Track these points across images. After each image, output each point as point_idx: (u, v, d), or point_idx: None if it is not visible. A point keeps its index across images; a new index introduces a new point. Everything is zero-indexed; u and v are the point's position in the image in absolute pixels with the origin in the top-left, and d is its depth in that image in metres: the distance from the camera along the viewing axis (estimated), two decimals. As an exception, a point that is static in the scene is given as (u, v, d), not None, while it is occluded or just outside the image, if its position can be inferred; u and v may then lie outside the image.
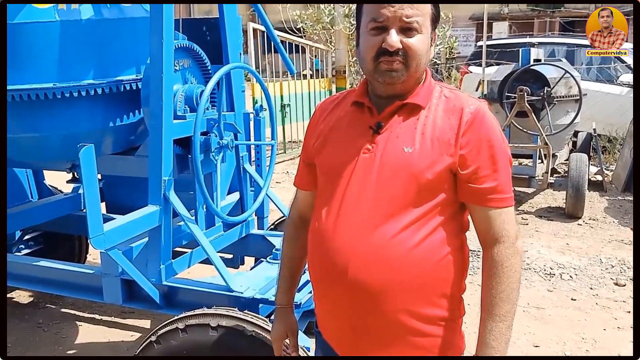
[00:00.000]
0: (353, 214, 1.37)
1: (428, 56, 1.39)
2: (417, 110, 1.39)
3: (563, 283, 4.30)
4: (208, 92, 2.30)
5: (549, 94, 5.83)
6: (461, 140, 1.34)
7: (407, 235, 1.34)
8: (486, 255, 1.39)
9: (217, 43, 2.78)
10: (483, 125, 1.36)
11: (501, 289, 1.35)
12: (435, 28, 1.40)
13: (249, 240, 3.01)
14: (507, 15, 19.15)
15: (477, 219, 1.40)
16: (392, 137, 1.38)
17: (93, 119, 2.47)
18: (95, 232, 2.09)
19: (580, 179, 5.64)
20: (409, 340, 1.38)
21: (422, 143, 1.35)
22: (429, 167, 1.34)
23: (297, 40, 9.35)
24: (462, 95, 1.43)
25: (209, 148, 2.50)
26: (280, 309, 1.71)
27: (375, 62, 1.35)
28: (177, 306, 2.47)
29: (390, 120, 1.40)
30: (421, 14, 1.34)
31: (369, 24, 1.35)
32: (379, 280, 1.34)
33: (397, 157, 1.36)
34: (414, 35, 1.34)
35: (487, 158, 1.35)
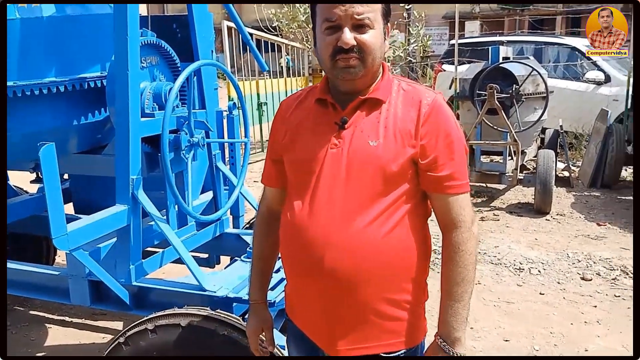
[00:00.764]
0: (325, 207, 1.43)
1: (382, 50, 1.44)
2: (379, 105, 1.46)
3: (532, 278, 4.37)
4: (176, 89, 2.26)
5: (518, 92, 5.92)
6: (421, 130, 1.41)
7: (377, 225, 1.41)
8: (445, 239, 1.47)
9: (188, 41, 2.75)
10: (440, 116, 1.43)
11: (458, 271, 1.44)
12: (387, 22, 1.45)
13: (223, 239, 2.98)
14: (479, 14, 19.40)
15: (436, 205, 1.48)
16: (357, 131, 1.44)
17: (56, 118, 2.41)
18: (58, 232, 2.04)
19: (547, 175, 5.75)
20: (379, 324, 1.46)
21: (386, 136, 1.41)
22: (394, 158, 1.40)
23: (273, 38, 9.31)
24: (419, 87, 1.49)
25: (179, 146, 2.47)
26: (254, 304, 1.74)
27: (332, 60, 1.40)
28: (149, 307, 2.43)
29: (354, 115, 1.46)
30: (372, 10, 1.39)
31: (323, 24, 1.40)
32: (352, 269, 1.41)
33: (363, 150, 1.42)
34: (366, 32, 1.39)
35: (444, 147, 1.42)
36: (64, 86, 2.32)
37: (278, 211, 1.62)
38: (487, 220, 5.79)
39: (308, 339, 1.55)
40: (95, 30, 2.44)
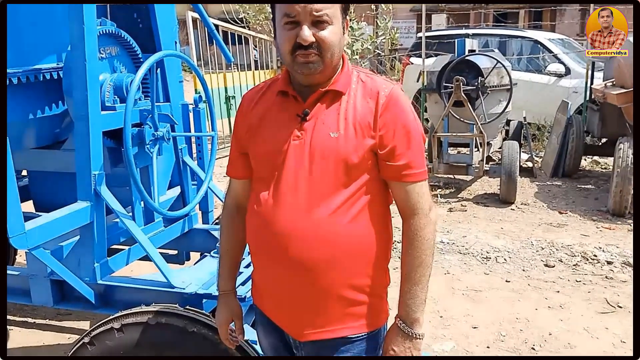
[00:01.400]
0: (290, 198, 1.47)
1: (341, 44, 1.47)
2: (339, 96, 1.49)
3: (498, 266, 4.45)
4: (138, 81, 2.19)
5: (483, 84, 5.99)
6: (379, 121, 1.45)
7: (340, 214, 1.45)
8: (405, 225, 1.52)
9: (151, 31, 2.67)
10: (397, 106, 1.46)
11: (416, 255, 1.49)
12: (346, 16, 1.48)
13: (193, 235, 2.93)
14: (445, 8, 19.56)
15: (395, 194, 1.52)
16: (319, 123, 1.48)
17: (11, 111, 2.29)
18: (15, 231, 1.96)
19: (512, 165, 5.85)
20: (343, 308, 1.51)
21: (346, 128, 1.45)
22: (354, 150, 1.44)
23: (240, 30, 9.20)
24: (377, 79, 1.53)
25: (143, 140, 2.40)
26: (223, 294, 1.77)
27: (292, 55, 1.43)
28: (115, 305, 2.36)
29: (315, 107, 1.49)
30: (330, 6, 1.41)
31: (283, 18, 1.42)
32: (316, 257, 1.45)
33: (325, 142, 1.46)
34: (325, 28, 1.41)
35: (402, 136, 1.46)
36: (17, 77, 2.22)
37: (244, 203, 1.65)
38: (455, 210, 5.86)
39: (276, 326, 1.60)
40: (49, 18, 2.34)
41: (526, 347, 3.30)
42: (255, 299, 1.68)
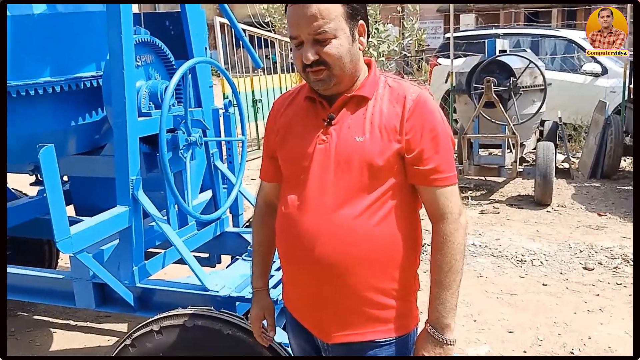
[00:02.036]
0: (316, 200, 1.49)
1: (353, 53, 1.47)
2: (365, 101, 1.50)
3: (534, 269, 4.37)
4: (172, 88, 2.25)
5: (515, 84, 5.91)
6: (406, 125, 1.45)
7: (367, 216, 1.46)
8: (433, 230, 1.52)
9: (181, 38, 2.73)
10: (424, 110, 1.46)
11: (446, 260, 1.48)
12: (356, 22, 1.46)
13: (224, 238, 2.98)
14: (474, 8, 19.36)
15: (424, 198, 1.52)
16: (344, 127, 1.49)
17: (53, 118, 2.39)
18: (62, 235, 2.03)
19: (547, 167, 5.74)
20: (369, 312, 1.51)
21: (372, 132, 1.46)
22: (380, 153, 1.45)
23: (266, 34, 9.27)
24: (405, 83, 1.53)
25: (177, 145, 2.45)
26: (255, 292, 1.82)
27: (304, 72, 1.47)
28: (153, 308, 2.42)
29: (341, 112, 1.51)
30: (328, 20, 1.40)
31: (290, 40, 1.48)
32: (342, 258, 1.47)
33: (350, 146, 1.47)
34: (328, 43, 1.42)
35: (429, 140, 1.46)
36: (60, 86, 2.30)
37: (274, 204, 1.68)
38: (487, 213, 5.79)
39: (304, 328, 1.62)
40: (88, 28, 2.42)
41: (565, 351, 3.24)
42: (284, 301, 1.70)
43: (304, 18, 1.40)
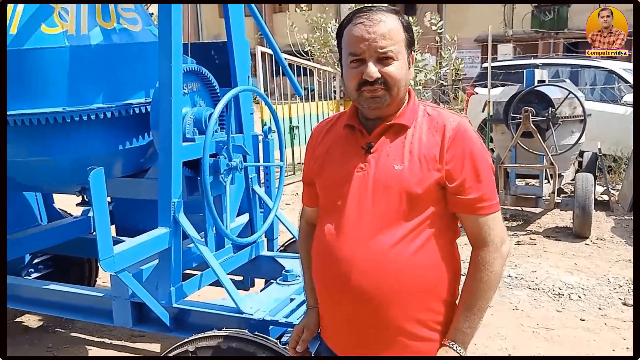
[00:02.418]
0: (353, 228, 1.49)
1: (407, 79, 1.50)
2: (404, 130, 1.51)
3: (572, 303, 4.27)
4: (217, 115, 2.33)
5: (554, 115, 5.85)
6: (446, 155, 1.46)
7: (404, 245, 1.46)
8: (473, 255, 1.52)
9: (225, 66, 2.83)
10: (464, 139, 1.47)
11: (481, 287, 1.48)
12: (412, 51, 1.52)
13: (259, 261, 3.02)
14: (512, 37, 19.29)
15: (466, 226, 1.53)
16: (383, 155, 1.50)
17: (103, 142, 2.51)
18: (105, 254, 2.10)
19: (586, 198, 5.63)
20: (407, 344, 1.49)
21: (411, 160, 1.47)
22: (419, 182, 1.45)
23: (305, 63, 9.44)
24: (444, 112, 1.54)
25: (218, 170, 2.52)
26: (311, 310, 1.79)
27: (358, 91, 1.47)
28: (187, 329, 2.46)
29: (380, 140, 1.52)
30: (394, 42, 1.45)
31: (348, 57, 1.47)
32: (377, 288, 1.46)
33: (389, 174, 1.48)
34: (390, 64, 1.45)
35: (471, 170, 1.46)
36: (111, 112, 2.42)
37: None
38: (524, 244, 5.69)
39: (337, 356, 1.60)
40: (140, 58, 2.54)
41: (603, 389, 3.14)
42: (320, 329, 1.69)
43: (373, 34, 1.43)
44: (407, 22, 1.51)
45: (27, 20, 2.32)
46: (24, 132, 2.41)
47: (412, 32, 1.52)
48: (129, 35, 2.53)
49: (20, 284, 3.01)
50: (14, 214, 3.21)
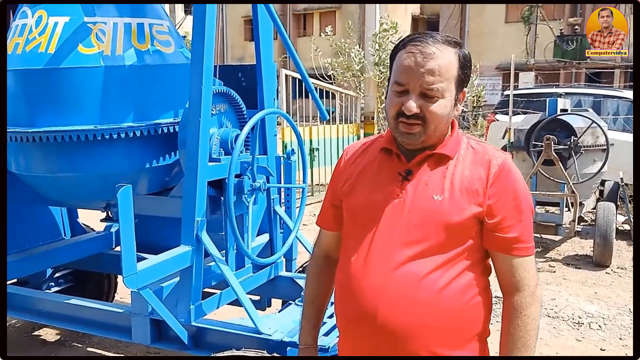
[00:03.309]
0: (382, 257, 1.42)
1: (450, 116, 1.44)
2: (446, 160, 1.46)
3: (592, 332, 4.19)
4: (244, 136, 2.37)
5: (576, 143, 5.84)
6: (489, 191, 1.41)
7: (434, 279, 1.39)
8: (507, 301, 1.45)
9: (251, 88, 2.88)
10: (509, 177, 1.43)
11: (519, 335, 1.41)
12: (462, 88, 1.45)
13: (277, 282, 3.02)
14: (534, 66, 19.31)
15: (499, 266, 1.46)
16: (421, 184, 1.44)
17: (131, 160, 2.55)
18: (129, 271, 2.13)
19: (607, 227, 5.58)
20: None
21: (451, 192, 1.42)
22: (458, 215, 1.40)
23: (328, 86, 9.55)
24: (489, 147, 1.49)
25: (242, 190, 2.55)
26: (303, 348, 1.70)
27: (395, 121, 1.42)
28: (205, 347, 2.47)
29: (419, 168, 1.46)
30: (444, 79, 1.38)
31: (394, 84, 1.42)
32: (406, 323, 1.38)
33: (427, 204, 1.42)
34: (434, 101, 1.39)
35: (512, 209, 1.42)
36: (140, 131, 2.47)
37: (333, 255, 1.64)
38: (543, 271, 5.61)
39: None
40: (171, 78, 2.60)
41: None
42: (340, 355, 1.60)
43: (421, 68, 1.36)
44: (465, 57, 1.44)
45: (65, 40, 2.39)
46: (55, 147, 2.46)
47: (469, 68, 1.45)
48: (162, 56, 2.59)
49: (41, 297, 3.05)
50: (38, 227, 3.27)
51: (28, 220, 3.16)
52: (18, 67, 2.47)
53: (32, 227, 3.20)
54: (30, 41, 2.45)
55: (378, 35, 9.91)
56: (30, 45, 2.44)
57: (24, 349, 3.76)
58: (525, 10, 20.82)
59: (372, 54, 10.05)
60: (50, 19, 2.44)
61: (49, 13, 2.46)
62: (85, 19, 2.43)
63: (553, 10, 20.50)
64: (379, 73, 10.03)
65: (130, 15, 2.51)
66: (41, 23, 2.45)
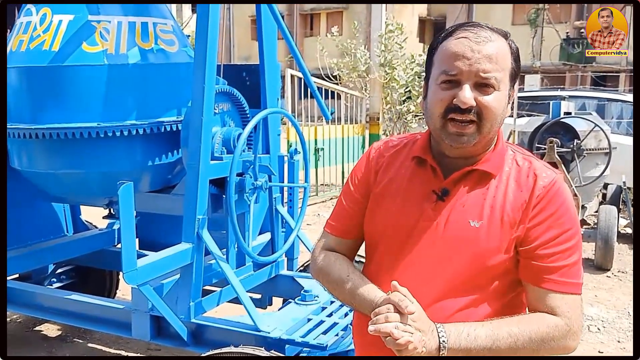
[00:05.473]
0: (410, 286, 1.21)
1: (504, 116, 1.25)
2: (488, 179, 1.27)
3: (591, 335, 4.20)
4: (246, 135, 2.38)
5: (579, 147, 5.84)
6: (530, 213, 1.23)
7: (466, 315, 1.24)
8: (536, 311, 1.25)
9: (256, 88, 2.89)
10: (556, 200, 1.23)
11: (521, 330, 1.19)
12: (514, 84, 1.26)
13: (278, 280, 3.03)
14: (539, 69, 19.28)
15: (531, 301, 1.26)
16: (458, 206, 1.26)
17: (133, 158, 2.57)
18: (129, 267, 2.14)
19: (609, 231, 5.58)
20: None
21: (491, 218, 1.24)
22: (497, 246, 1.23)
23: (333, 87, 9.56)
24: (536, 163, 1.29)
25: (244, 189, 2.56)
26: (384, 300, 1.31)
27: (443, 119, 1.22)
28: (205, 344, 2.49)
29: (457, 186, 1.27)
30: (500, 68, 1.20)
31: (440, 76, 1.22)
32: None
33: (462, 230, 1.24)
34: (490, 93, 1.20)
35: (555, 235, 1.22)
36: (143, 129, 2.49)
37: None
38: (545, 275, 5.62)
39: None
40: (174, 77, 2.62)
41: None
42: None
43: (477, 55, 1.17)
44: (517, 49, 1.25)
45: (69, 38, 2.41)
46: (58, 144, 2.48)
47: (520, 62, 1.26)
48: (165, 55, 2.60)
49: (43, 293, 3.08)
50: (41, 224, 3.29)
51: (31, 216, 3.18)
52: (22, 64, 2.49)
53: (35, 224, 3.22)
54: (34, 39, 2.47)
55: (384, 37, 9.91)
56: (34, 42, 2.46)
57: (25, 344, 3.78)
58: (532, 12, 20.80)
59: (378, 55, 10.06)
60: (55, 17, 2.46)
61: (53, 11, 2.48)
62: (89, 18, 2.45)
63: (559, 13, 20.47)
64: (384, 74, 10.03)
65: (135, 14, 2.53)
66: (45, 21, 2.47)
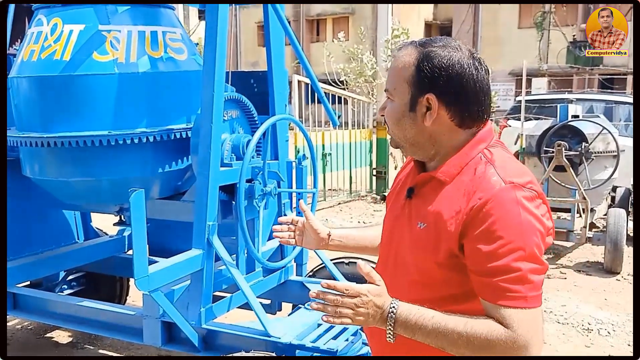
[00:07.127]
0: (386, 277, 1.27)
1: (405, 126, 1.28)
2: (442, 184, 1.29)
3: (601, 339, 4.18)
4: (255, 142, 2.40)
5: (587, 150, 5.83)
6: (467, 226, 1.21)
7: None
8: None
9: (264, 94, 2.91)
10: (490, 215, 1.19)
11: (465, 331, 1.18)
12: (422, 93, 1.25)
13: (287, 286, 3.04)
14: (546, 72, 19.23)
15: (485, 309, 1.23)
16: (415, 206, 1.32)
17: (144, 165, 2.59)
18: (141, 273, 2.16)
19: (618, 234, 5.56)
20: None
21: (434, 223, 1.26)
22: (432, 252, 1.25)
23: (340, 92, 9.59)
24: (490, 174, 1.24)
25: (253, 195, 2.58)
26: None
27: None
28: (215, 349, 2.51)
29: (421, 187, 1.33)
30: (396, 80, 1.27)
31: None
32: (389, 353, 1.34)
33: (413, 229, 1.30)
34: (387, 105, 1.33)
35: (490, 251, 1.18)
36: (153, 136, 2.51)
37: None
38: (554, 278, 5.59)
39: None
40: (183, 85, 2.64)
41: None
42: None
43: (390, 69, 1.31)
44: (426, 55, 1.24)
45: (80, 47, 2.44)
46: (69, 153, 2.51)
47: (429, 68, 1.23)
48: (175, 63, 2.63)
49: (54, 299, 3.10)
50: (52, 231, 3.32)
51: (42, 223, 3.21)
52: (33, 74, 2.53)
53: (46, 231, 3.26)
54: (45, 48, 2.50)
55: (390, 41, 9.94)
56: (45, 52, 2.49)
57: (36, 350, 3.81)
58: (538, 16, 20.76)
59: (384, 60, 10.08)
60: (66, 27, 2.49)
61: (64, 21, 2.51)
62: (99, 27, 2.48)
63: (566, 16, 20.42)
64: (391, 79, 10.09)
65: (144, 24, 2.56)
66: (56, 31, 2.50)
